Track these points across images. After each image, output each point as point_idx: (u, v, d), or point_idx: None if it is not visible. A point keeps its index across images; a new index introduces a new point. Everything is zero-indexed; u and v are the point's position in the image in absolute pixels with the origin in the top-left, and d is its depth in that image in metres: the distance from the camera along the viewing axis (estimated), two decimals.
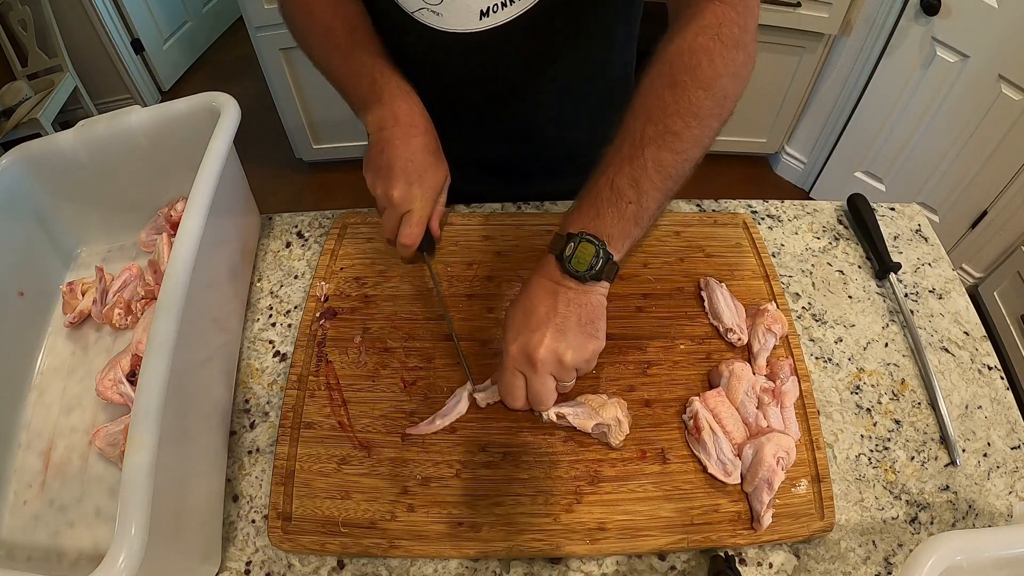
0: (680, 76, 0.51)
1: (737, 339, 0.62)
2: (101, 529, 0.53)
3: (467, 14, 0.59)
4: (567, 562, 0.53)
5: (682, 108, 0.50)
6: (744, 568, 0.53)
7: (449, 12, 0.59)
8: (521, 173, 0.82)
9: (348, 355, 0.62)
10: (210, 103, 0.62)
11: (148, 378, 0.43)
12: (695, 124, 0.51)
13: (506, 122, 0.76)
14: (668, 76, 0.51)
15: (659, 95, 0.51)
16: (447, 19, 0.60)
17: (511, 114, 0.75)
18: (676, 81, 0.51)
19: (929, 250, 0.75)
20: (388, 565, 0.53)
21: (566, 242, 0.51)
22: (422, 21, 0.61)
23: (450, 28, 0.61)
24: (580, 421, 0.55)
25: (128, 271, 0.67)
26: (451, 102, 0.71)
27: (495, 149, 0.80)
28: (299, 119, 2.09)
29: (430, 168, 0.61)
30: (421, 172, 0.61)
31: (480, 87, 0.70)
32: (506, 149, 0.80)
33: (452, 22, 0.60)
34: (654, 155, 0.50)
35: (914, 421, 0.61)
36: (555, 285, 0.52)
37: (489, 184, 0.79)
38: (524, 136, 0.78)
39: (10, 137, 2.03)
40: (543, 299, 0.51)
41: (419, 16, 0.61)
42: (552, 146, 0.80)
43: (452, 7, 0.59)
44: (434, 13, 0.60)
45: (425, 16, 0.60)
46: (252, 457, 0.59)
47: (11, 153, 0.63)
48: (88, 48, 2.34)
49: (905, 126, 1.75)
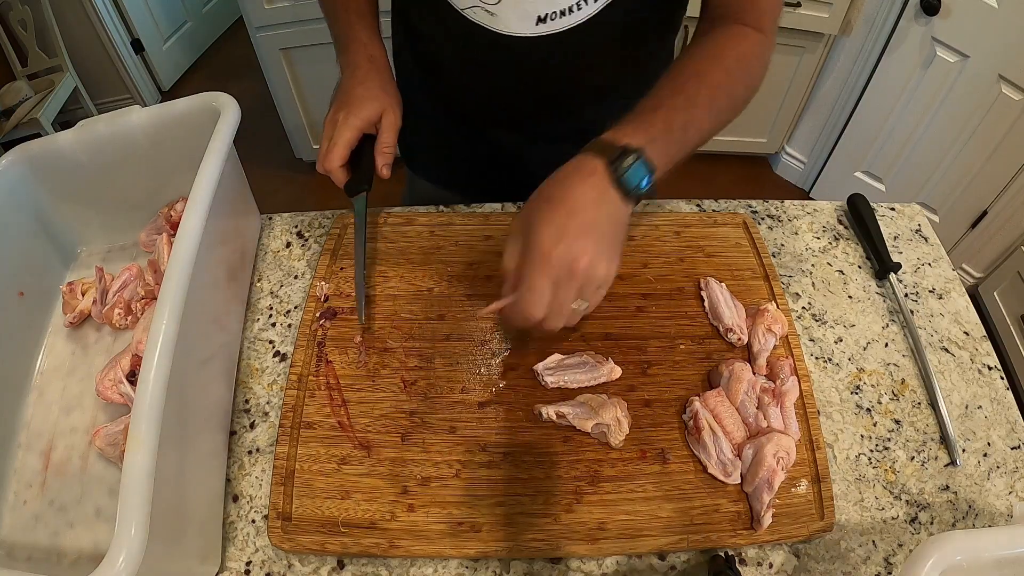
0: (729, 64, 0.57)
1: (737, 339, 0.62)
2: (101, 529, 0.53)
3: (524, 18, 0.59)
4: (567, 562, 0.53)
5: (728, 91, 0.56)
6: (744, 568, 0.53)
7: (505, 14, 0.59)
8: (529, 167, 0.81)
9: (348, 355, 0.62)
10: (210, 103, 0.62)
11: (148, 378, 0.43)
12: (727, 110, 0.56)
13: (547, 126, 0.75)
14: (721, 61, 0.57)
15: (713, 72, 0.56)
16: (501, 20, 0.59)
17: (555, 118, 0.74)
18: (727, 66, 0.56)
19: (929, 250, 0.75)
20: (388, 565, 0.53)
21: (623, 153, 0.48)
22: (473, 19, 0.60)
23: (504, 30, 0.60)
24: (580, 421, 0.55)
25: (128, 271, 0.67)
26: (493, 101, 0.71)
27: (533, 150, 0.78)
28: (299, 119, 2.09)
29: (363, 100, 0.62)
30: (351, 103, 0.62)
31: (527, 90, 0.70)
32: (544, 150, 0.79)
33: (507, 24, 0.60)
34: (699, 116, 0.53)
35: (914, 421, 0.61)
36: (601, 193, 0.48)
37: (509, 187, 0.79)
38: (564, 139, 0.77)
39: (10, 137, 2.03)
40: (591, 205, 0.47)
41: (470, 14, 0.60)
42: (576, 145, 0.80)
43: (508, 9, 0.58)
44: (488, 12, 0.59)
45: (477, 14, 0.60)
46: (252, 457, 0.59)
47: (11, 153, 0.63)
48: (88, 48, 2.34)
49: (905, 126, 1.75)
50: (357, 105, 0.62)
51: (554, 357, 0.61)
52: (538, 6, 0.58)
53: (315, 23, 1.80)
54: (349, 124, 0.61)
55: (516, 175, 0.78)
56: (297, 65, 1.92)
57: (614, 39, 0.65)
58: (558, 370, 0.60)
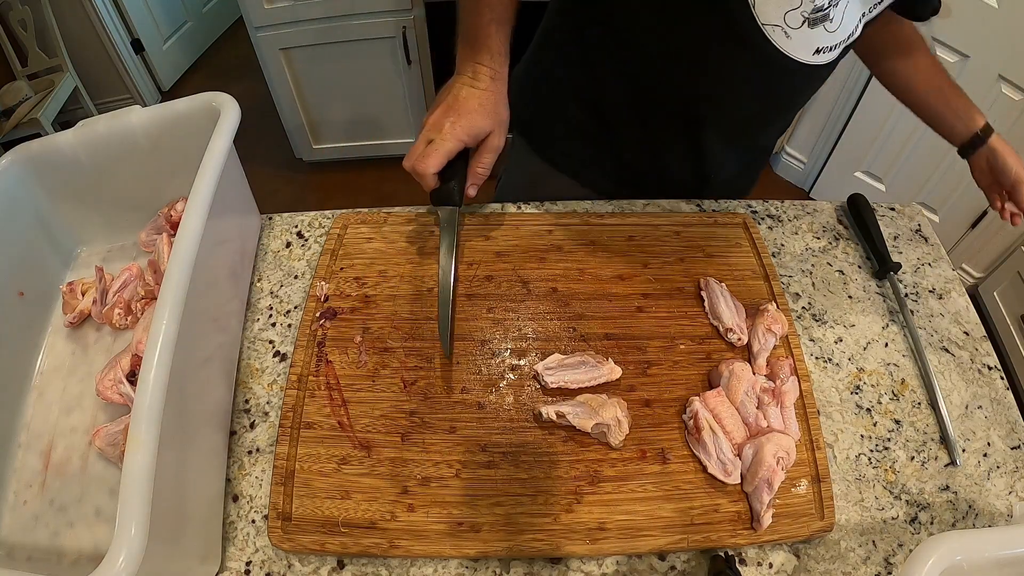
0: None
1: (737, 339, 0.62)
2: (101, 529, 0.53)
3: (809, 46, 0.61)
4: (567, 562, 0.53)
5: None
6: (744, 568, 0.53)
7: (798, 39, 0.60)
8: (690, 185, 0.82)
9: (348, 355, 0.62)
10: (210, 103, 0.62)
11: (148, 378, 0.43)
12: None
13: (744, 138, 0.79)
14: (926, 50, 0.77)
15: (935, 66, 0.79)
16: (793, 45, 0.61)
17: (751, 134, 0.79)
18: None
19: (929, 250, 0.75)
20: (388, 565, 0.53)
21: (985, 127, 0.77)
22: (770, 36, 0.60)
23: (792, 54, 0.61)
24: (580, 421, 0.55)
25: (128, 271, 0.67)
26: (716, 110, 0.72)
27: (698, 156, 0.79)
28: (299, 119, 2.09)
29: (473, 113, 0.62)
30: (462, 112, 0.62)
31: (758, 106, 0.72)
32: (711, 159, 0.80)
33: (795, 49, 0.61)
34: None
35: (914, 421, 0.61)
36: None
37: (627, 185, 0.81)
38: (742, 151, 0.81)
39: (10, 137, 2.03)
40: None
41: (770, 32, 0.60)
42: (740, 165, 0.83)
43: (803, 36, 0.60)
44: (786, 36, 0.60)
45: (775, 34, 0.60)
46: (252, 457, 0.59)
47: (11, 153, 0.63)
48: (88, 48, 2.34)
49: (905, 126, 1.75)
50: (469, 116, 0.61)
51: (554, 357, 0.61)
52: (823, 39, 0.61)
53: (315, 23, 1.80)
54: (455, 135, 0.61)
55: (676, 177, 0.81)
56: (297, 65, 1.92)
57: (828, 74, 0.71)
58: (558, 370, 0.60)
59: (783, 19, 0.60)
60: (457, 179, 0.63)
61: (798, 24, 0.60)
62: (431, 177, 0.61)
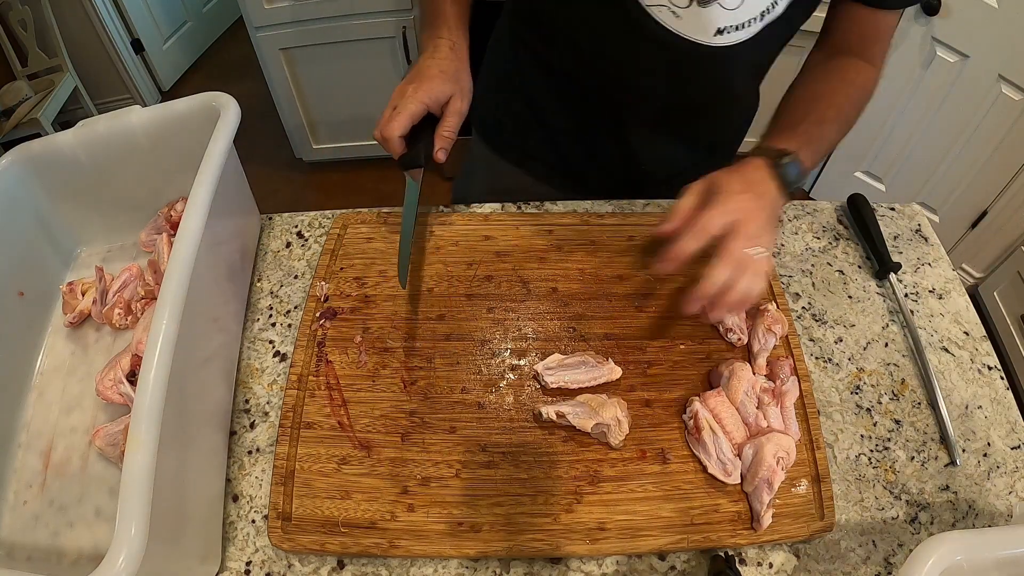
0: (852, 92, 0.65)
1: (737, 339, 0.62)
2: (101, 529, 0.53)
3: (706, 27, 0.60)
4: (567, 562, 0.53)
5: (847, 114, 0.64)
6: (744, 568, 0.53)
7: (689, 19, 0.60)
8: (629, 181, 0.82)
9: (348, 355, 0.62)
10: (210, 103, 0.62)
11: (148, 378, 0.43)
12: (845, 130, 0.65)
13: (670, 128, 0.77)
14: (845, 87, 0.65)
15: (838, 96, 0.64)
16: (685, 25, 0.60)
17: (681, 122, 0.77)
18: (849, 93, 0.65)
19: (929, 250, 0.75)
20: (388, 565, 0.53)
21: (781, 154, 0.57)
22: (656, 17, 0.60)
23: (685, 34, 0.61)
24: (580, 421, 0.55)
25: (128, 271, 0.67)
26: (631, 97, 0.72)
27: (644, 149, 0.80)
28: (299, 119, 2.09)
29: (434, 79, 0.63)
30: (423, 79, 0.63)
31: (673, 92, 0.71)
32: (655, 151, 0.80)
33: (689, 29, 0.61)
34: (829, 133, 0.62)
35: (914, 421, 0.61)
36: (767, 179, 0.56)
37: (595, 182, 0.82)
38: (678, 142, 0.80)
39: (10, 137, 2.03)
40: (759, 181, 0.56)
41: (656, 12, 0.60)
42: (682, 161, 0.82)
43: (694, 16, 0.59)
44: (673, 15, 0.60)
45: (663, 14, 0.60)
46: (252, 457, 0.59)
47: (11, 153, 0.63)
48: (88, 48, 2.34)
49: (905, 126, 1.75)
50: (429, 82, 0.62)
51: (554, 357, 0.61)
52: (722, 18, 0.60)
53: (315, 23, 1.80)
54: (417, 97, 0.61)
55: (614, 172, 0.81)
56: (297, 65, 1.92)
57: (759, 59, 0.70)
58: (558, 370, 0.60)
59: None
60: (423, 143, 0.63)
61: (685, 3, 0.59)
62: (397, 141, 0.61)
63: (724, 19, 0.60)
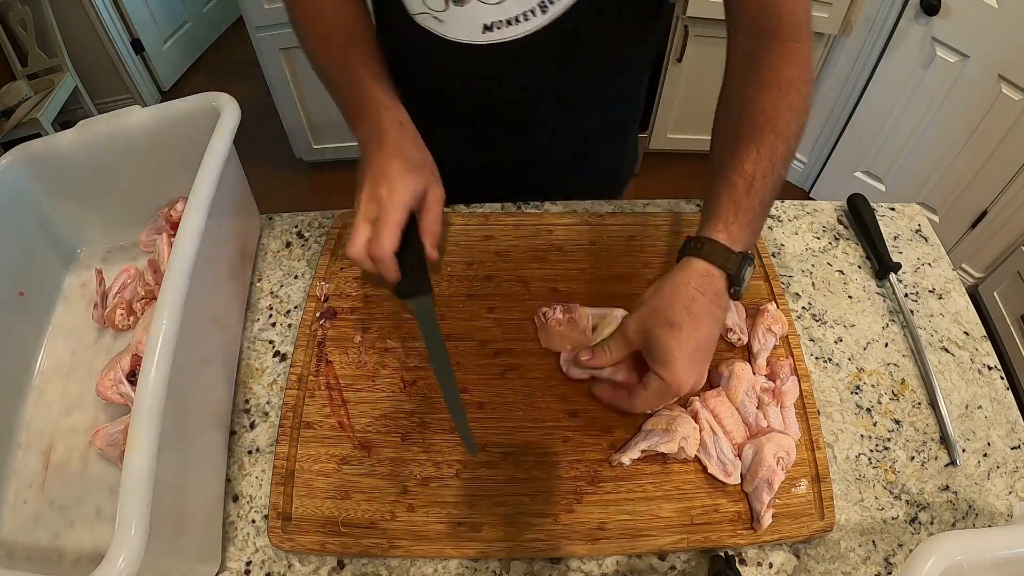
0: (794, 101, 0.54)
1: (737, 339, 0.62)
2: (101, 529, 0.53)
3: (470, 26, 0.59)
4: (567, 562, 0.53)
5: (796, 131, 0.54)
6: (744, 568, 0.53)
7: (452, 21, 0.59)
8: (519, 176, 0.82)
9: (348, 355, 0.62)
10: (210, 103, 0.62)
11: (148, 378, 0.43)
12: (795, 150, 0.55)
13: (505, 134, 0.76)
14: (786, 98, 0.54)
15: (782, 115, 0.54)
16: (449, 27, 0.59)
17: (512, 127, 0.74)
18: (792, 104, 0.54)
19: (929, 250, 0.75)
20: (388, 565, 0.53)
21: (742, 263, 0.51)
22: (423, 25, 0.60)
23: (452, 37, 0.60)
24: (667, 447, 0.54)
25: (126, 272, 0.67)
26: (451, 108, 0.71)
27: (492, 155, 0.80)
28: (299, 119, 2.09)
29: (406, 173, 0.54)
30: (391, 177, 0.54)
31: (481, 98, 0.70)
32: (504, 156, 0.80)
33: (454, 31, 0.60)
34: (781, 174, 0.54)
35: (914, 421, 0.61)
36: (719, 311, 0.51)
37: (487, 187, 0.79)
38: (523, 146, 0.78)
39: (10, 137, 2.04)
40: (713, 329, 0.51)
41: (421, 20, 0.60)
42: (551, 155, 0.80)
43: (455, 17, 0.58)
44: (436, 19, 0.59)
45: (427, 21, 0.60)
46: (252, 457, 0.59)
47: (11, 153, 0.63)
48: (88, 48, 2.34)
49: (905, 126, 1.76)
50: (401, 180, 0.53)
51: None
52: (484, 15, 0.57)
53: None
54: (396, 202, 0.52)
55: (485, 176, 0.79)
56: (297, 65, 1.92)
57: (575, 48, 0.63)
58: None
59: (424, 4, 0.58)
60: (419, 264, 0.56)
61: (442, 6, 0.57)
62: (390, 260, 0.52)
63: (490, 14, 0.57)
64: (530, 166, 0.80)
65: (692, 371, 0.50)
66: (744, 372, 0.58)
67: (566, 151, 0.80)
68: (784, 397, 0.57)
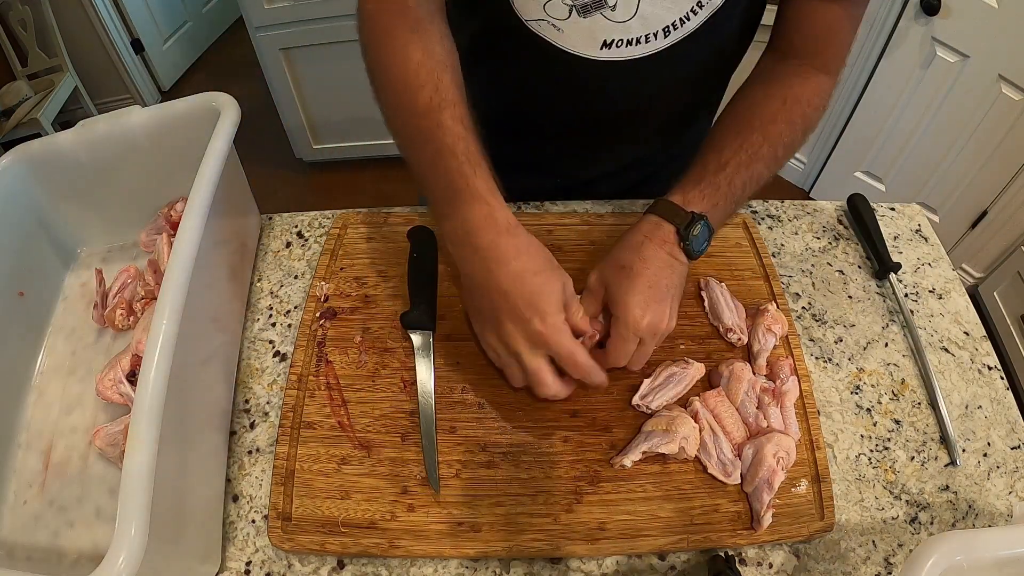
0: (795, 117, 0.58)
1: (737, 339, 0.62)
2: (101, 529, 0.53)
3: (589, 39, 0.57)
4: (567, 562, 0.53)
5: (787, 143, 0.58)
6: (744, 568, 0.53)
7: (571, 32, 0.57)
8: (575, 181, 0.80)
9: (348, 355, 0.62)
10: (210, 103, 0.62)
11: (148, 378, 0.43)
12: (784, 159, 0.59)
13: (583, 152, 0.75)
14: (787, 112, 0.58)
15: (778, 124, 0.57)
16: (567, 38, 0.58)
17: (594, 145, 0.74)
18: (792, 118, 0.58)
19: (929, 250, 0.75)
20: (388, 565, 0.53)
21: (691, 221, 0.54)
22: (537, 32, 0.58)
23: (568, 48, 0.59)
24: (668, 447, 0.54)
25: (125, 272, 0.67)
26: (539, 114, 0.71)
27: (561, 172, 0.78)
28: (299, 119, 2.09)
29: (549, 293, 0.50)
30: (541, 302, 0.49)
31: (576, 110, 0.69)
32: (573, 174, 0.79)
33: (571, 42, 0.58)
34: (759, 171, 0.57)
35: (914, 421, 0.61)
36: (671, 259, 0.54)
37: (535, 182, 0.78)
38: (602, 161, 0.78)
39: (10, 137, 2.04)
40: (664, 272, 0.53)
41: (536, 27, 0.58)
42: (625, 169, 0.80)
43: (576, 28, 0.57)
44: (555, 28, 0.57)
45: (544, 28, 0.58)
46: (252, 457, 0.59)
47: (11, 153, 0.63)
48: (88, 48, 2.34)
49: (905, 126, 1.76)
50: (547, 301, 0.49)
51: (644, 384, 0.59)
52: (606, 31, 0.56)
53: (315, 23, 1.80)
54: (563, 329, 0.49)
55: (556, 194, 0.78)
56: (297, 65, 1.92)
57: (681, 75, 0.64)
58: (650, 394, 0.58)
59: (544, 10, 0.56)
60: (431, 300, 0.62)
61: (564, 15, 0.56)
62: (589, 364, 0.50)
63: (611, 31, 0.56)
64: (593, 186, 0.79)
65: (646, 309, 0.52)
66: (744, 372, 0.58)
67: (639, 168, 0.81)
68: (784, 397, 0.57)
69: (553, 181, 0.79)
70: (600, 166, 0.78)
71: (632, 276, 0.53)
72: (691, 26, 0.57)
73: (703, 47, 0.60)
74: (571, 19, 0.56)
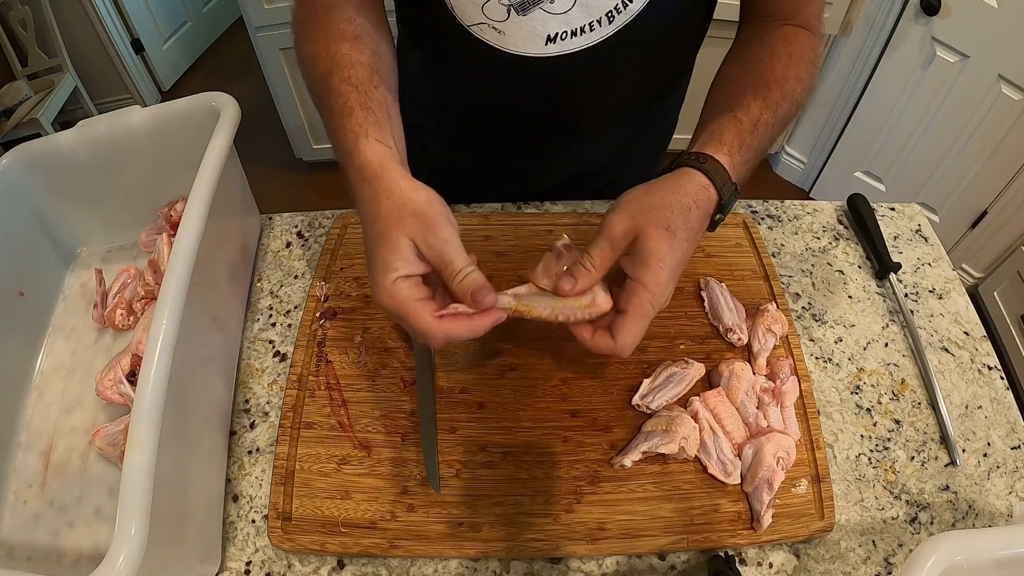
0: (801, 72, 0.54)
1: (737, 339, 0.62)
2: (101, 529, 0.53)
3: (533, 37, 0.56)
4: (567, 562, 0.53)
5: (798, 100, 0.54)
6: (744, 568, 0.53)
7: (513, 32, 0.56)
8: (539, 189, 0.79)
9: (348, 355, 0.62)
10: (210, 103, 0.62)
11: (148, 378, 0.43)
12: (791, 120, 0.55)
13: (560, 147, 0.74)
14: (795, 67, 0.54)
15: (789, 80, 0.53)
16: (510, 39, 0.57)
17: (565, 146, 0.73)
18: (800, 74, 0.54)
19: (929, 250, 0.75)
20: (388, 565, 0.53)
21: (733, 193, 0.49)
22: (480, 37, 0.57)
23: (512, 49, 0.57)
24: (667, 447, 0.54)
25: (125, 272, 0.67)
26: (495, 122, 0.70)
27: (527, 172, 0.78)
28: (299, 119, 2.09)
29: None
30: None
31: (532, 112, 0.67)
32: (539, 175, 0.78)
33: (515, 43, 0.57)
34: (775, 133, 0.53)
35: (914, 421, 0.61)
36: (701, 232, 0.47)
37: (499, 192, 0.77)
38: (564, 163, 0.76)
39: (10, 137, 2.04)
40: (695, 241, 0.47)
41: (477, 31, 0.57)
42: (587, 172, 0.78)
43: (516, 28, 0.56)
44: (495, 31, 0.56)
45: (484, 32, 0.57)
46: (252, 457, 0.59)
47: (11, 153, 0.63)
48: (88, 48, 2.34)
49: (905, 126, 1.76)
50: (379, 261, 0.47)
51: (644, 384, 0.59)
52: (548, 26, 0.55)
53: None
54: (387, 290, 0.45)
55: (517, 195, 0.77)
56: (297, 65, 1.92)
57: (634, 61, 0.62)
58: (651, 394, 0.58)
59: (483, 12, 0.55)
60: None
61: (503, 15, 0.54)
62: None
63: (552, 26, 0.55)
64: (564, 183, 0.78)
65: (671, 284, 0.45)
66: (744, 372, 0.59)
67: (602, 171, 0.79)
68: (784, 397, 0.57)
69: (516, 190, 0.77)
70: (563, 169, 0.77)
71: (674, 246, 0.45)
72: (635, 8, 0.55)
73: (652, 29, 0.57)
74: (511, 19, 0.55)
